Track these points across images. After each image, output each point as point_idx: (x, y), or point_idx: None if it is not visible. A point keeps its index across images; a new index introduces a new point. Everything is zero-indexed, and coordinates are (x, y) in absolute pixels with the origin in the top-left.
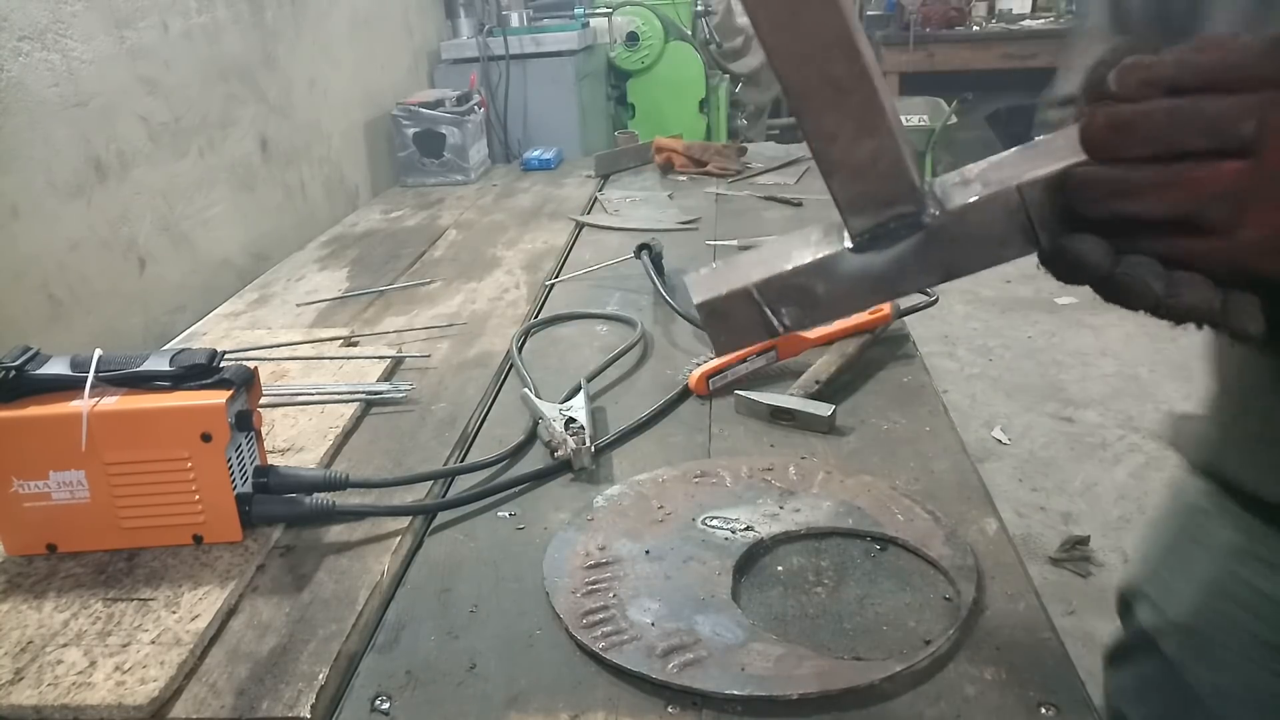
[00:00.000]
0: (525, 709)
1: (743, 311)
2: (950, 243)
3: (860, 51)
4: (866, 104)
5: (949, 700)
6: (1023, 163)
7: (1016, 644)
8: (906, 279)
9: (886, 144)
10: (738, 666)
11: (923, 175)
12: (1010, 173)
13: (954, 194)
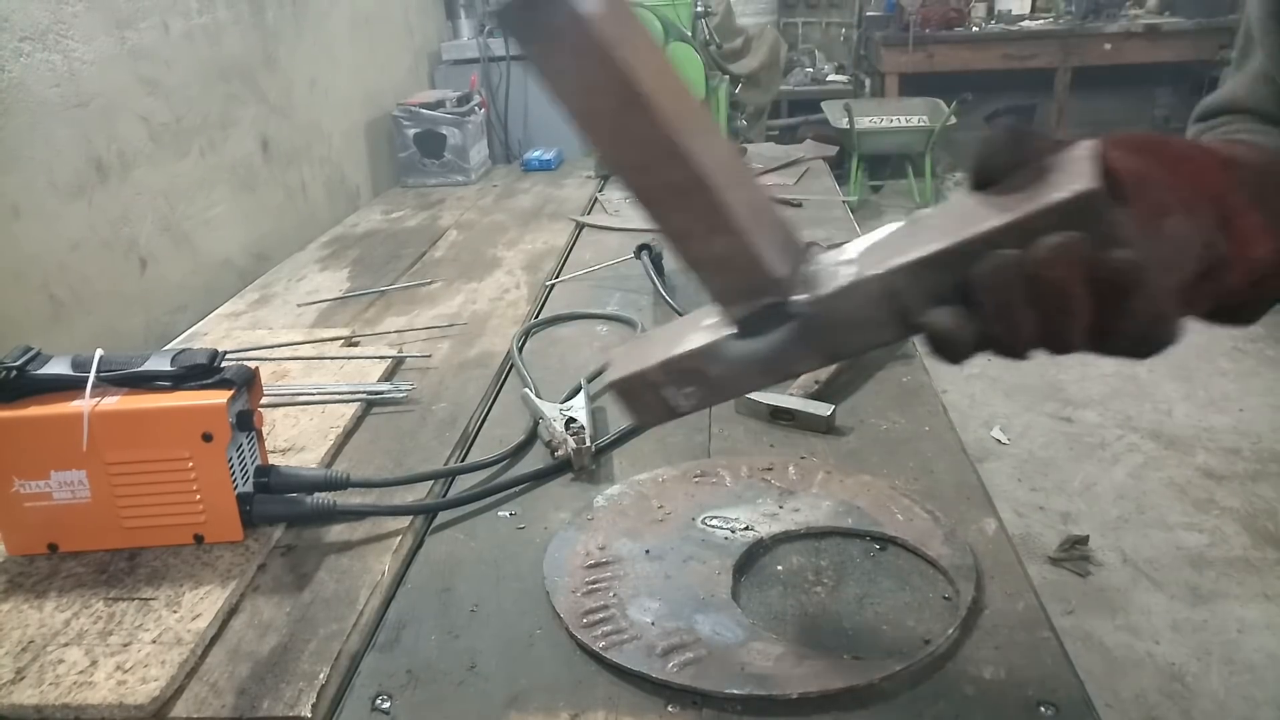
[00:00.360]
0: (525, 708)
1: (648, 392)
2: (826, 329)
3: (689, 157)
4: (708, 205)
5: (948, 700)
6: (899, 242)
7: (1016, 643)
8: (792, 362)
9: (736, 242)
10: (737, 666)
11: (798, 259)
12: (884, 254)
13: (825, 279)
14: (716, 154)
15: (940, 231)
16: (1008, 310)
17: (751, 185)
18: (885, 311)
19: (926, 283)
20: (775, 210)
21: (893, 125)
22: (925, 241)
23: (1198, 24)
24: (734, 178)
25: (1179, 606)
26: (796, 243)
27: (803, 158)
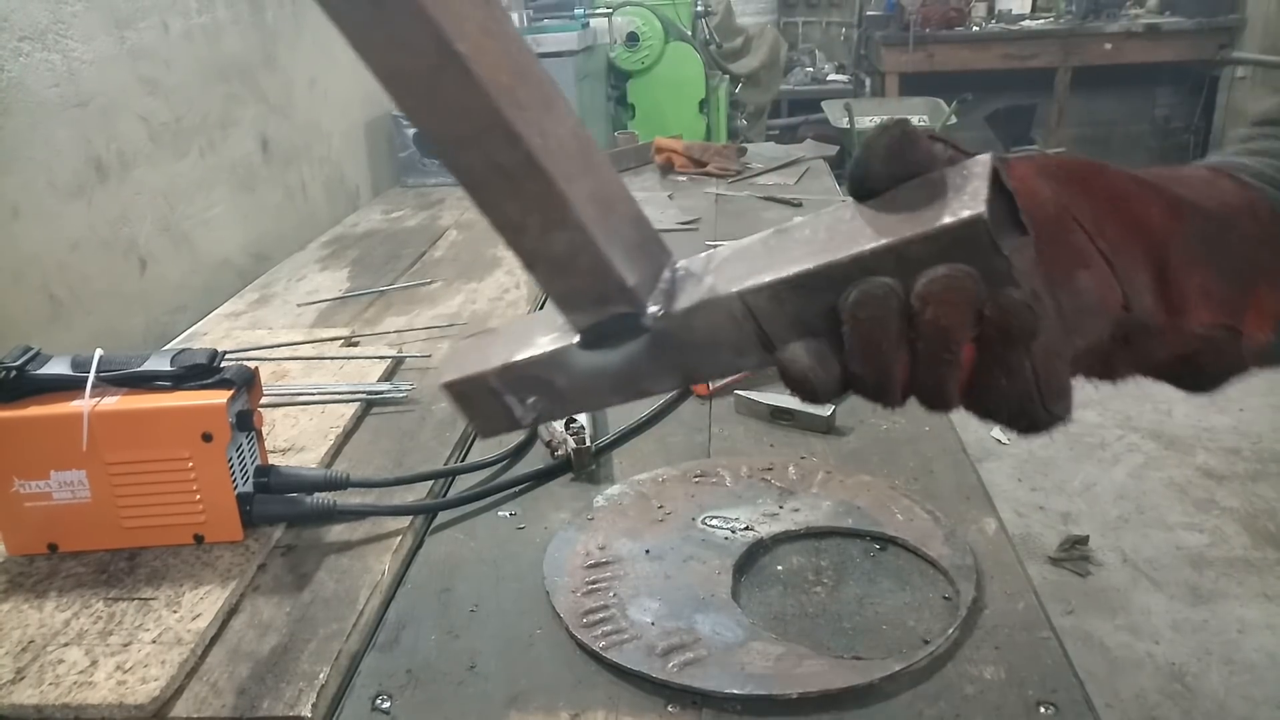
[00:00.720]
0: (525, 708)
1: (486, 399)
2: (680, 348)
3: (519, 134)
4: (544, 194)
5: (948, 700)
6: (767, 254)
7: (1015, 643)
8: (644, 380)
9: (579, 238)
10: (738, 666)
11: (656, 264)
12: (747, 268)
13: (682, 292)
14: (559, 133)
15: (810, 247)
16: (876, 350)
17: (603, 174)
18: (744, 335)
19: (790, 307)
20: (631, 206)
21: None
22: (793, 258)
23: (1198, 23)
24: (580, 163)
25: (1179, 606)
26: (656, 246)
27: (803, 157)
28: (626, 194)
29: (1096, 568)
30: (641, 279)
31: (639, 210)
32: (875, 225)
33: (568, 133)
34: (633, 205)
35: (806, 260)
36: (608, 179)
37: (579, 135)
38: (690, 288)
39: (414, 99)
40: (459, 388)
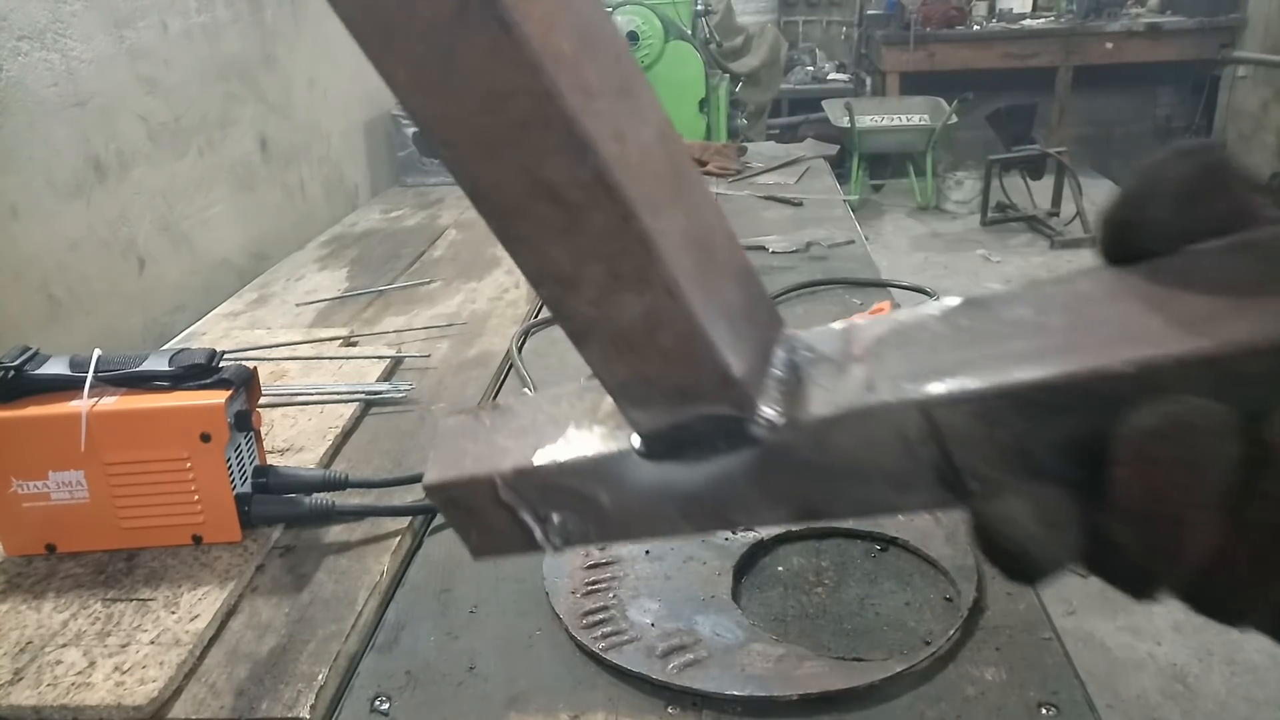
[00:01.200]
0: (525, 709)
1: (491, 512)
2: (805, 472)
3: (587, 139)
4: (618, 233)
5: (949, 701)
6: (956, 348)
7: (1017, 644)
8: (736, 510)
9: (664, 305)
10: (738, 667)
11: (767, 343)
12: (925, 363)
13: (814, 388)
14: (641, 137)
15: (1039, 338)
16: (1174, 517)
17: (699, 203)
18: (915, 465)
19: (1006, 433)
20: (735, 251)
21: (894, 124)
22: (1012, 355)
23: (1199, 23)
24: (669, 186)
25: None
26: (765, 311)
27: (803, 156)
28: (728, 232)
29: None
30: (750, 365)
31: (745, 257)
32: (1162, 311)
33: (652, 136)
34: (737, 250)
35: (1041, 361)
36: (704, 210)
37: (668, 141)
38: (828, 382)
39: (417, 67)
40: (451, 492)
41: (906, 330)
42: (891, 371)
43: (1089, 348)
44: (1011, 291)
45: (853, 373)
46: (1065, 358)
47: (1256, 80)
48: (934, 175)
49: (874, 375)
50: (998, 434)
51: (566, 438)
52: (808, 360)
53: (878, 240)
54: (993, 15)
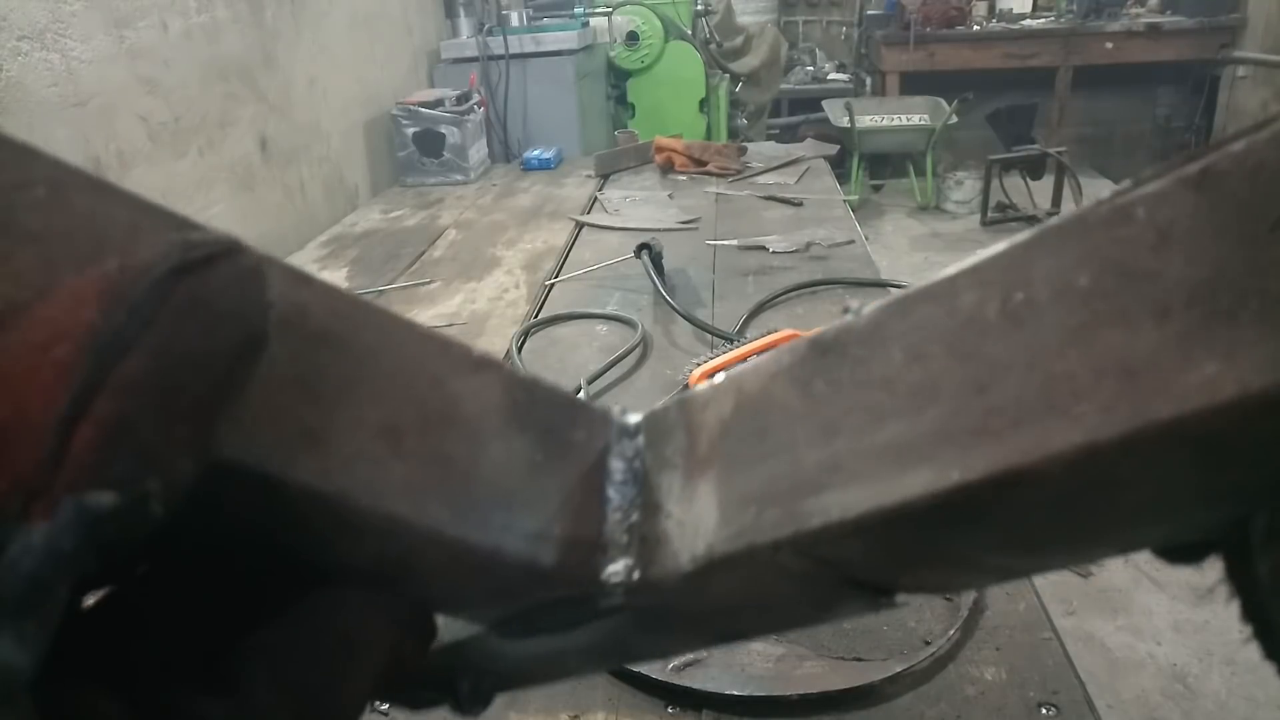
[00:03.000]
0: (525, 709)
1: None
2: (691, 614)
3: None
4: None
5: (949, 701)
6: (807, 436)
7: (1017, 644)
8: (646, 650)
9: (395, 546)
10: (738, 667)
11: (590, 460)
12: (778, 474)
13: (666, 527)
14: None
15: (922, 405)
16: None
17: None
18: (818, 585)
19: (910, 539)
20: (494, 394)
21: (894, 124)
22: (886, 449)
23: (1199, 23)
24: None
25: (1181, 607)
26: (580, 427)
27: (803, 156)
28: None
29: (1098, 568)
30: (570, 523)
31: (520, 378)
32: (1096, 340)
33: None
34: (491, 391)
35: (927, 460)
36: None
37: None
38: (679, 510)
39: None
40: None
41: (755, 407)
42: (746, 489)
43: (997, 426)
44: (873, 320)
45: (701, 494)
46: (962, 450)
47: (1256, 80)
48: (934, 175)
49: (726, 497)
50: (899, 542)
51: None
52: (651, 466)
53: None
54: (993, 15)
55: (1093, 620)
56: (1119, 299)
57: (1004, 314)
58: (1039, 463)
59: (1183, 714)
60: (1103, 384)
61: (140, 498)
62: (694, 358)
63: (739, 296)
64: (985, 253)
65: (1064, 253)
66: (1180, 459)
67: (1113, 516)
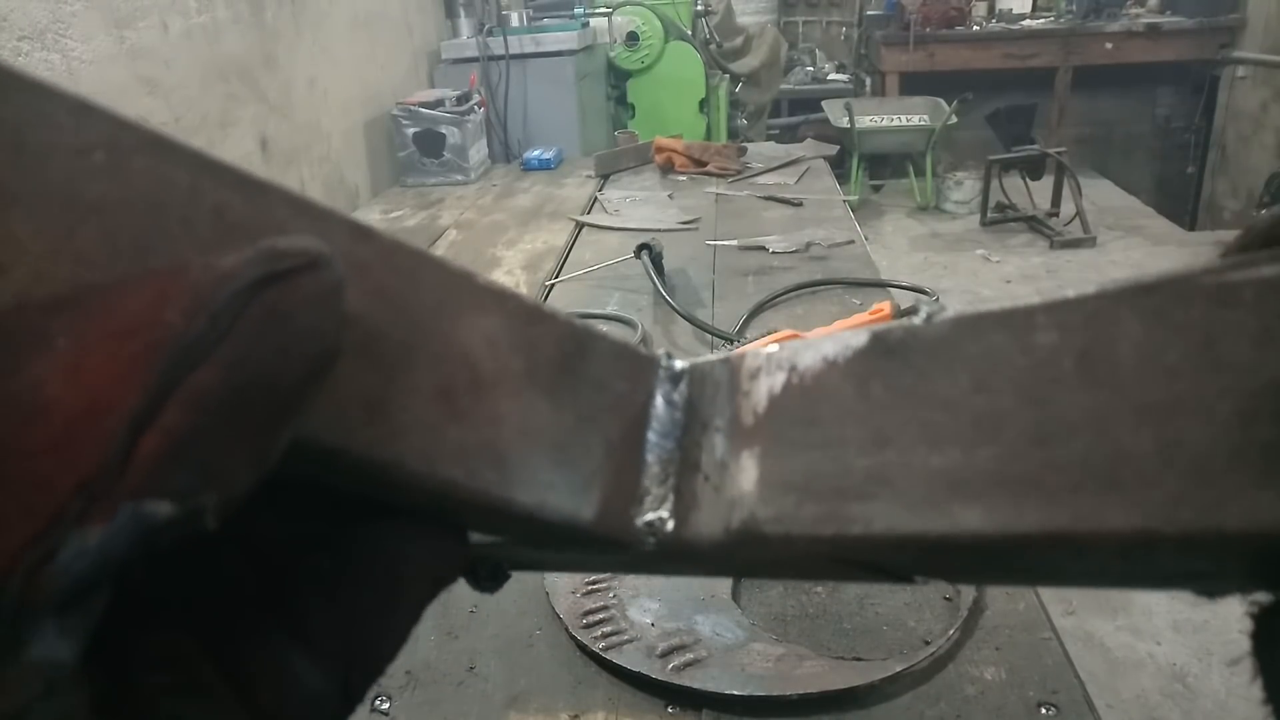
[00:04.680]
0: (525, 709)
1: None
2: (719, 561)
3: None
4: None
5: (949, 700)
6: (857, 440)
7: (1016, 644)
8: (667, 571)
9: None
10: (738, 666)
11: (635, 405)
12: (823, 472)
13: (702, 493)
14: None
15: (982, 441)
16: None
17: (464, 333)
18: (846, 565)
19: (938, 559)
20: (551, 333)
21: (893, 124)
22: (939, 477)
23: (1199, 23)
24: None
25: (1180, 607)
26: (624, 370)
27: (803, 157)
28: (528, 313)
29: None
30: (609, 477)
31: (573, 328)
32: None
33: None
34: (547, 334)
35: (979, 499)
36: (485, 331)
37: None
38: (716, 476)
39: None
40: None
41: (807, 391)
42: (789, 475)
43: (1053, 485)
44: (942, 334)
45: (743, 466)
46: (1014, 499)
47: (1256, 80)
48: (934, 175)
49: (768, 477)
50: (934, 561)
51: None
52: (692, 422)
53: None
54: (992, 15)
55: (1092, 620)
56: (1207, 387)
57: (1081, 368)
58: (1091, 535)
59: (1182, 714)
60: (1171, 474)
61: (196, 511)
62: (694, 358)
63: (739, 296)
64: (1073, 293)
65: (1158, 320)
66: (1236, 559)
67: (1153, 578)
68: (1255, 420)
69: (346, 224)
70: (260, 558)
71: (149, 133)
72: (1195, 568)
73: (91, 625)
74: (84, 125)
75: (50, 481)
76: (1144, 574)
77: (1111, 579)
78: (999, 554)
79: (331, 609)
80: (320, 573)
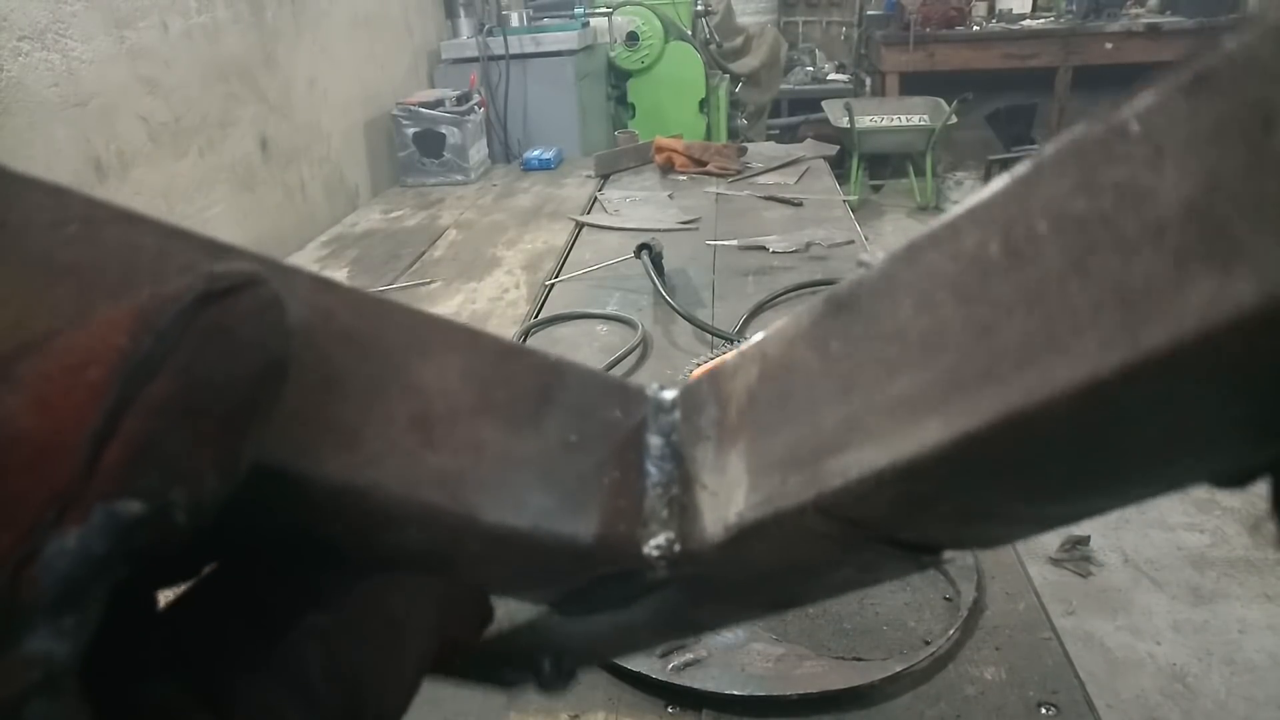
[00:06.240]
0: (525, 709)
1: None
2: (736, 582)
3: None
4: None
5: (949, 700)
6: (827, 396)
7: (1016, 644)
8: (703, 620)
9: (433, 535)
10: (738, 666)
11: (628, 433)
12: (802, 437)
13: (701, 498)
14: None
15: (934, 354)
16: None
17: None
18: (858, 546)
19: (940, 493)
20: (528, 369)
21: (893, 124)
22: (901, 402)
23: (1199, 23)
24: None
25: (1180, 607)
26: (613, 404)
27: (803, 157)
28: (504, 351)
29: (1097, 568)
30: (608, 502)
31: (550, 361)
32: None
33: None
34: (523, 369)
35: (940, 408)
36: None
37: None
38: (712, 481)
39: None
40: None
41: (778, 372)
42: (772, 455)
43: (1002, 370)
44: (883, 271)
45: (732, 464)
46: (969, 397)
47: None
48: (934, 175)
49: (755, 465)
50: (921, 497)
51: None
52: (686, 439)
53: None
54: (992, 15)
55: (1092, 620)
56: (1116, 223)
57: (1006, 252)
58: (1042, 403)
59: (1182, 714)
60: (1101, 315)
61: (165, 507)
62: (694, 358)
63: (739, 296)
64: (986, 190)
65: (1061, 179)
66: (1192, 388)
67: (1139, 455)
68: (1164, 235)
69: (309, 276)
70: (258, 611)
71: (120, 208)
72: (1180, 427)
73: (88, 629)
74: (60, 205)
75: (26, 496)
76: (1139, 462)
77: (1110, 484)
78: (973, 468)
79: (331, 662)
80: (318, 626)
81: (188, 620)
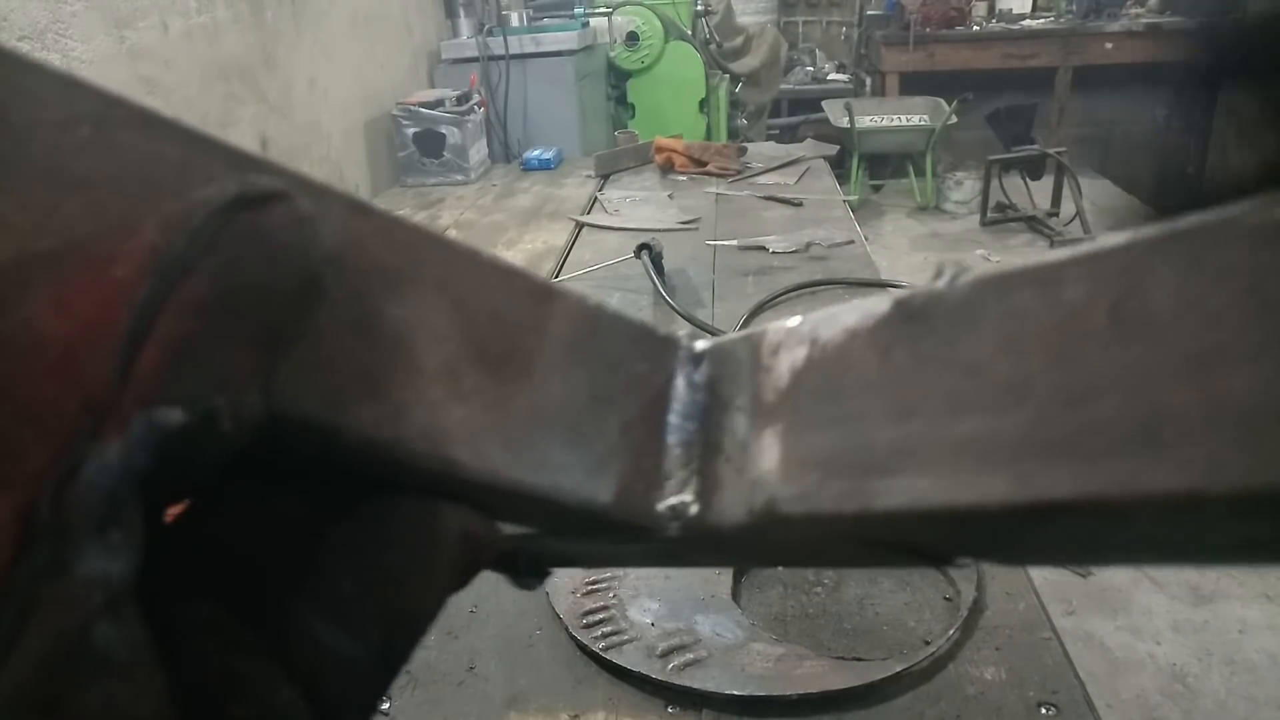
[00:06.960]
0: (525, 709)
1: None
2: (745, 547)
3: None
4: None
5: (949, 700)
6: (881, 409)
7: (1016, 644)
8: (699, 561)
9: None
10: (738, 666)
11: (656, 384)
12: (847, 445)
13: (724, 473)
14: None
15: (1009, 406)
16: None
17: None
18: (875, 548)
19: (973, 532)
20: (560, 313)
21: (893, 124)
22: (965, 446)
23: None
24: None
25: (1180, 607)
26: (642, 352)
27: (803, 157)
28: (534, 290)
29: (1097, 568)
30: (627, 459)
31: (585, 307)
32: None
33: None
34: (552, 313)
35: (1006, 468)
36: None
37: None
38: (738, 458)
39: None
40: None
41: (829, 363)
42: (812, 452)
43: (1089, 448)
44: (966, 295)
45: (764, 446)
46: (1046, 465)
47: None
48: (934, 175)
49: (790, 456)
50: (964, 536)
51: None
52: (714, 402)
53: (877, 240)
54: (992, 15)
55: (1092, 620)
56: (1254, 334)
57: (1114, 322)
58: (1131, 499)
59: (1182, 714)
60: (1215, 429)
61: (208, 415)
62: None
63: (739, 297)
64: (1102, 242)
65: (1196, 264)
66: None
67: (1208, 550)
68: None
69: (344, 198)
70: (285, 529)
71: (138, 108)
72: (1252, 533)
73: (136, 543)
74: (70, 100)
75: (56, 404)
76: (1196, 545)
77: (1161, 552)
78: (1034, 525)
79: (361, 575)
80: (347, 539)
81: (207, 535)
